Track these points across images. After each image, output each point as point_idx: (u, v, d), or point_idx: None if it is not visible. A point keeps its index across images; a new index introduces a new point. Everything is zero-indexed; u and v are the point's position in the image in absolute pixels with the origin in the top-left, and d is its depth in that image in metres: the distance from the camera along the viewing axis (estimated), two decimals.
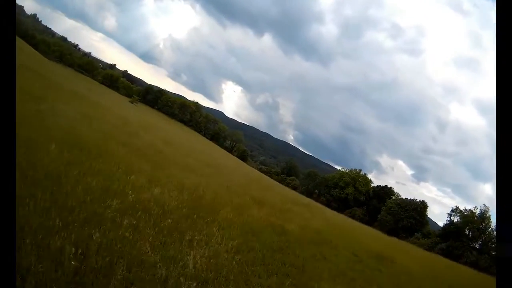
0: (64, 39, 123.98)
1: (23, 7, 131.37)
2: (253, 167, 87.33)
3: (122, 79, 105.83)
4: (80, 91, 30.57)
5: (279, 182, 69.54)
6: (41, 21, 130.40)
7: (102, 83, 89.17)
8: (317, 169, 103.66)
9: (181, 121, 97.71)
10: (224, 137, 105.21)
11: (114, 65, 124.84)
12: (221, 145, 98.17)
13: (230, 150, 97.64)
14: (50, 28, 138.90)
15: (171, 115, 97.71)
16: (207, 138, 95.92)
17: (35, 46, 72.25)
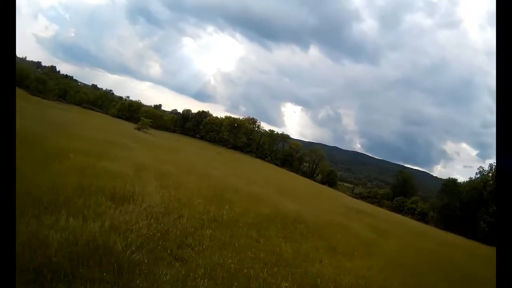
0: (108, 91, 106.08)
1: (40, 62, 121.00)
2: (345, 193, 63.24)
3: (146, 108, 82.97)
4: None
5: (395, 211, 49.12)
6: (77, 81, 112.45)
7: (118, 116, 72.03)
8: (391, 172, 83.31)
9: (236, 147, 74.80)
10: (299, 158, 78.48)
11: (160, 105, 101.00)
12: (298, 169, 73.32)
13: (311, 174, 73.58)
14: (96, 85, 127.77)
15: (220, 141, 76.17)
16: (276, 164, 71.08)
17: (26, 88, 62.79)
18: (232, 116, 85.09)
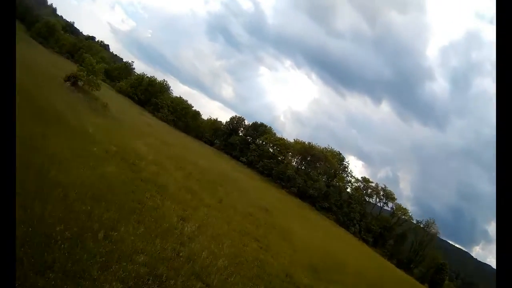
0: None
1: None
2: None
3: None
4: None
5: None
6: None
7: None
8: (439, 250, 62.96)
9: (303, 195, 45.10)
10: (401, 236, 47.98)
11: (216, 119, 74.00)
12: (395, 252, 45.46)
13: (408, 263, 44.41)
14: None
15: (280, 178, 47.81)
16: (366, 241, 43.98)
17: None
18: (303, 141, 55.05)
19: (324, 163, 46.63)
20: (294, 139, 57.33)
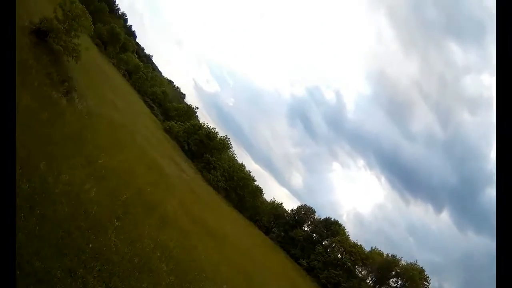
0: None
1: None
2: None
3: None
4: None
5: None
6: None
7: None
8: None
9: None
10: None
11: (281, 204, 60.82)
12: None
13: None
14: None
15: None
16: None
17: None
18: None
19: (407, 283, 34.86)
20: (371, 248, 43.92)
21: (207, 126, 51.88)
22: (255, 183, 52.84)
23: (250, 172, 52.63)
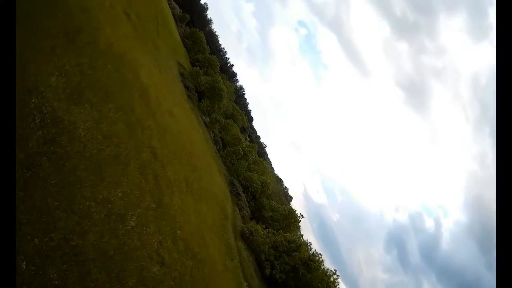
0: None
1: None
2: None
3: None
4: None
5: None
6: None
7: None
8: None
9: None
10: None
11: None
12: None
13: None
14: None
15: None
16: None
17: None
18: None
19: None
20: None
21: (309, 247, 33.22)
22: None
23: None
